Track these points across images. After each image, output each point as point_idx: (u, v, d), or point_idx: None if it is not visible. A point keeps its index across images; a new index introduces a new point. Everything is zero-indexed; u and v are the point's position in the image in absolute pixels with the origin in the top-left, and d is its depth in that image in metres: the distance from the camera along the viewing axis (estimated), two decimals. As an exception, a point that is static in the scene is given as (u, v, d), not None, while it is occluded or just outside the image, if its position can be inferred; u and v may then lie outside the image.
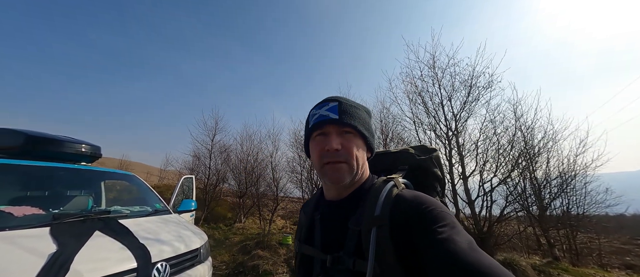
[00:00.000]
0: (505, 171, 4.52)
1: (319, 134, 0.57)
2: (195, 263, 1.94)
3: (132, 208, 2.31)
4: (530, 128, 4.94)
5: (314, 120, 0.58)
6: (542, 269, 4.04)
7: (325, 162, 0.55)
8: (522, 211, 5.06)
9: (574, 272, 3.94)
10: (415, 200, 0.49)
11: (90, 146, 2.69)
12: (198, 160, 9.72)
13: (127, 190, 3.21)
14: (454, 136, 4.65)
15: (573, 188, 5.49)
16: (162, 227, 2.04)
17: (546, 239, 5.52)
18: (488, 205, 4.47)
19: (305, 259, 0.61)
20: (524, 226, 5.94)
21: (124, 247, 1.53)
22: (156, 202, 2.66)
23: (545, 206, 5.43)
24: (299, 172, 7.72)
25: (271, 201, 8.54)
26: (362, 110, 0.60)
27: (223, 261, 4.62)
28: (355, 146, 0.55)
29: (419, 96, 5.08)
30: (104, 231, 1.63)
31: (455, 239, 0.41)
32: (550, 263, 4.52)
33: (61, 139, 2.39)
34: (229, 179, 9.68)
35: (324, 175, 0.56)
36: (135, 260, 1.48)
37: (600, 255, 6.40)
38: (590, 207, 5.60)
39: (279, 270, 3.97)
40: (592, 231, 6.38)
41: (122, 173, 3.00)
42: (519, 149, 4.75)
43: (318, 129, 0.57)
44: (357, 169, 0.55)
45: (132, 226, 1.80)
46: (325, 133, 0.56)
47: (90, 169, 2.55)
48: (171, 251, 1.75)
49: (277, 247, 4.91)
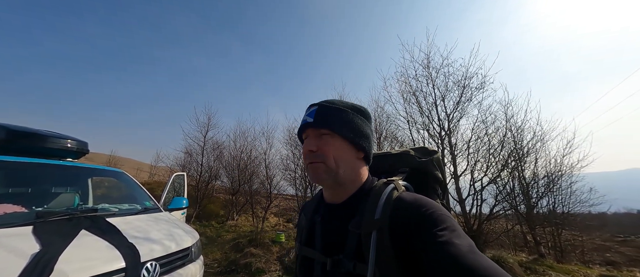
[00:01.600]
0: (495, 171, 4.62)
1: (305, 138, 0.62)
2: (186, 262, 1.91)
3: (120, 206, 2.24)
4: (520, 129, 5.07)
5: (300, 125, 0.63)
6: (528, 265, 4.17)
7: (307, 163, 0.58)
8: (510, 209, 5.20)
9: (558, 269, 4.08)
10: (415, 203, 0.49)
11: (77, 141, 2.60)
12: (190, 157, 9.58)
13: (116, 187, 3.13)
14: (447, 136, 4.72)
15: (559, 187, 5.67)
16: (152, 226, 2.00)
17: (533, 236, 5.70)
18: (478, 204, 4.57)
19: (306, 262, 0.61)
20: (512, 224, 6.11)
21: (112, 247, 1.49)
22: (146, 199, 2.60)
23: (532, 205, 5.60)
24: (293, 170, 7.71)
25: (264, 198, 8.51)
26: (348, 111, 0.59)
27: (215, 259, 4.58)
28: (331, 146, 0.56)
29: (413, 96, 5.13)
30: (91, 230, 1.58)
31: (455, 242, 0.40)
32: (536, 260, 4.67)
33: (45, 134, 2.30)
34: (221, 176, 9.58)
35: (308, 175, 0.60)
36: (124, 259, 1.44)
37: (583, 252, 6.65)
38: (574, 206, 5.82)
39: (272, 268, 3.96)
40: (576, 228, 6.63)
41: (110, 170, 2.92)
42: (509, 150, 4.87)
43: (303, 133, 0.62)
44: (337, 169, 0.56)
45: (120, 225, 1.75)
46: (307, 136, 0.61)
47: (76, 165, 2.46)
48: (161, 250, 1.71)
49: (270, 245, 4.90)
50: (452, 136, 4.73)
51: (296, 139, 7.75)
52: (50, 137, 2.30)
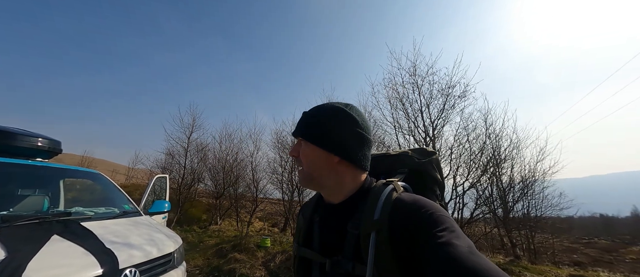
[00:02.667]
0: (476, 176, 4.83)
1: None
2: (168, 268, 1.82)
3: (96, 209, 2.11)
4: (498, 136, 5.35)
5: None
6: (505, 267, 4.37)
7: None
8: (489, 213, 5.44)
9: (532, 270, 4.30)
10: (414, 204, 0.49)
11: (48, 140, 2.42)
12: (172, 158, 9.18)
13: (90, 189, 2.94)
14: (431, 141, 4.88)
15: (533, 192, 6.02)
16: (132, 231, 1.89)
17: (509, 239, 5.99)
18: (460, 207, 4.74)
19: (304, 262, 0.60)
20: (490, 227, 6.39)
21: (88, 253, 1.39)
22: (125, 203, 2.46)
23: (509, 209, 5.89)
24: (280, 173, 7.62)
25: (250, 202, 8.32)
26: (322, 116, 0.58)
27: (196, 266, 4.39)
28: (303, 153, 0.60)
29: (400, 102, 5.27)
30: (64, 235, 1.48)
31: (454, 242, 0.41)
32: (512, 261, 4.90)
33: (14, 132, 2.13)
34: (205, 179, 9.27)
35: None
36: (101, 266, 1.35)
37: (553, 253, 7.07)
38: (546, 210, 6.18)
39: (257, 273, 3.86)
40: (548, 231, 7.04)
41: (85, 170, 2.74)
42: (488, 156, 5.12)
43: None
44: (312, 174, 0.58)
45: (96, 229, 1.65)
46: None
47: (46, 165, 2.29)
48: (142, 256, 1.62)
49: (255, 250, 4.78)
50: (437, 142, 4.91)
51: (284, 142, 7.70)
52: (19, 134, 2.13)
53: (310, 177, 0.59)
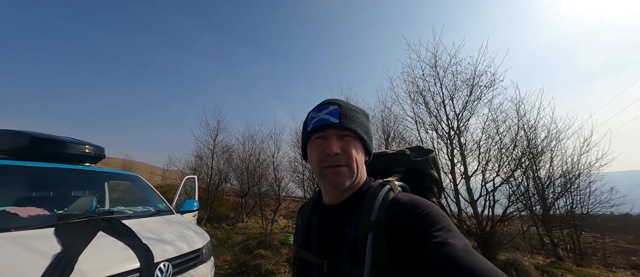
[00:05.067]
0: (508, 171, 4.49)
1: (319, 137, 0.56)
2: (197, 263, 1.96)
3: (135, 208, 2.33)
4: (533, 127, 4.90)
5: (314, 123, 0.57)
6: (545, 269, 4.01)
7: (325, 165, 0.54)
8: (525, 210, 5.02)
9: (577, 273, 3.91)
10: (410, 204, 0.49)
11: (94, 146, 2.72)
12: (200, 160, 9.78)
13: (131, 190, 3.24)
14: (456, 136, 4.63)
15: (577, 187, 5.44)
16: (165, 228, 2.06)
17: (549, 238, 5.48)
18: (490, 204, 4.44)
19: (303, 264, 0.61)
20: (527, 225, 5.90)
21: (127, 247, 1.55)
22: (159, 202, 2.68)
23: (548, 206, 5.39)
24: (301, 172, 7.74)
25: (273, 200, 8.57)
26: (360, 113, 0.60)
27: (225, 261, 4.64)
28: (354, 149, 0.55)
29: (421, 95, 5.06)
30: (108, 231, 1.65)
31: (450, 242, 0.40)
32: (554, 263, 4.49)
33: (65, 140, 2.41)
34: (231, 179, 9.73)
35: (324, 178, 0.55)
36: (138, 260, 1.50)
37: (604, 255, 6.33)
38: (594, 207, 5.55)
39: (281, 269, 3.99)
40: (597, 230, 6.32)
41: (125, 174, 3.03)
42: (522, 148, 4.71)
43: (317, 133, 0.56)
44: (357, 173, 0.55)
45: (135, 226, 1.82)
46: (325, 136, 0.56)
47: (93, 169, 2.58)
48: (174, 251, 1.76)
49: (279, 246, 4.93)
50: (462, 136, 4.64)
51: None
52: (69, 143, 2.42)
53: (355, 176, 0.54)
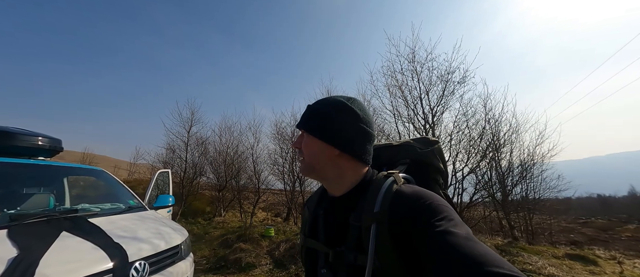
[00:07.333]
0: (475, 161, 4.88)
1: None
2: (176, 260, 1.88)
3: (102, 206, 2.14)
4: (498, 121, 5.36)
5: None
6: (503, 248, 4.49)
7: None
8: (488, 197, 5.53)
9: (529, 250, 4.42)
10: (413, 195, 0.50)
11: (49, 138, 2.43)
12: (173, 153, 9.23)
13: (94, 186, 2.97)
14: (431, 128, 4.89)
15: (531, 175, 6.10)
16: (139, 225, 1.93)
17: (507, 221, 6.12)
18: (459, 192, 4.81)
19: (310, 252, 0.63)
20: (489, 210, 6.51)
21: (97, 247, 1.43)
22: (129, 198, 2.50)
23: (507, 192, 5.99)
24: (281, 164, 7.67)
25: (252, 193, 8.43)
26: (328, 109, 0.59)
27: (203, 256, 4.51)
28: (305, 145, 0.61)
29: (399, 90, 5.23)
30: (73, 231, 1.51)
31: (452, 231, 0.41)
32: (511, 243, 5.03)
33: (13, 131, 2.13)
34: (207, 172, 9.35)
35: None
36: (111, 260, 1.39)
37: (551, 234, 7.24)
38: (544, 192, 6.29)
39: (262, 262, 3.97)
40: (546, 213, 7.18)
41: (89, 168, 2.77)
42: (487, 141, 5.14)
43: None
44: (313, 166, 0.60)
45: (104, 225, 1.68)
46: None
47: (50, 164, 2.31)
48: (150, 249, 1.67)
49: (260, 239, 4.89)
50: (436, 129, 4.91)
51: (283, 133, 7.71)
52: (19, 134, 2.14)
53: (311, 167, 0.60)
